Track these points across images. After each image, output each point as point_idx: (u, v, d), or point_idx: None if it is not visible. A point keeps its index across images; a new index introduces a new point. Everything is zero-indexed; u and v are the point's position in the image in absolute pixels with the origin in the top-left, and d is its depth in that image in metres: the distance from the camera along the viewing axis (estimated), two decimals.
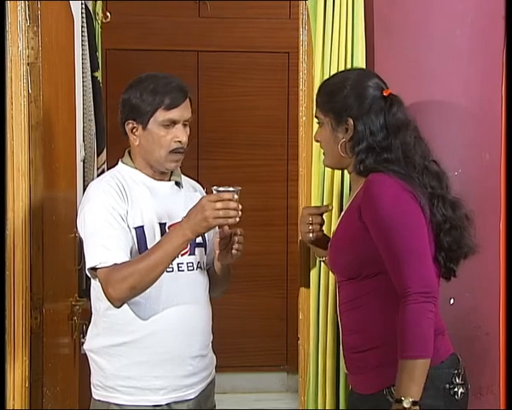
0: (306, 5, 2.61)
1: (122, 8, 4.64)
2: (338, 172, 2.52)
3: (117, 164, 2.32)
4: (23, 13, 2.38)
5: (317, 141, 2.19)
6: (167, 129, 2.19)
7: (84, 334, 2.98)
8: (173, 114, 2.18)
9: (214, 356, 2.39)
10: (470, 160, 2.65)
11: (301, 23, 2.67)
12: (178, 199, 2.28)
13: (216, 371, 2.40)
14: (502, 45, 2.60)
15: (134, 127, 2.21)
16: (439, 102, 2.64)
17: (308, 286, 2.57)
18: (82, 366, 3.10)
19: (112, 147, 4.35)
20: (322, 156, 2.23)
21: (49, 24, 2.60)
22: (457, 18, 2.64)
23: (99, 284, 2.16)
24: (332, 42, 2.54)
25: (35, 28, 2.43)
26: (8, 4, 2.35)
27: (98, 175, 4.08)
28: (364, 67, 2.55)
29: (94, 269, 2.12)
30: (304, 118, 2.66)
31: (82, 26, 3.79)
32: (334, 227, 2.47)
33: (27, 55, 2.41)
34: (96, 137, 4.02)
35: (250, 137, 4.98)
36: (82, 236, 2.20)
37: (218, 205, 2.00)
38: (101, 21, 4.17)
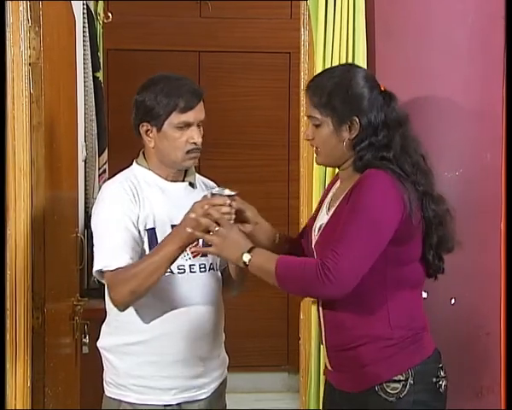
0: (307, 5, 2.62)
1: (123, 9, 4.64)
2: None
3: (131, 164, 2.32)
4: (25, 13, 2.38)
5: (309, 140, 2.14)
6: (182, 131, 2.19)
7: (85, 334, 2.99)
8: (188, 116, 2.18)
9: (227, 356, 2.40)
10: (471, 159, 2.66)
11: (302, 23, 2.67)
12: (191, 200, 2.28)
13: None
14: (502, 45, 2.60)
15: (148, 129, 2.21)
16: (439, 102, 2.64)
17: None
18: (83, 366, 3.10)
19: (113, 147, 4.36)
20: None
21: (50, 24, 2.61)
22: (458, 18, 2.64)
23: None
24: (333, 42, 2.54)
25: (37, 28, 2.43)
26: (10, 5, 2.35)
27: (100, 175, 4.09)
28: (366, 66, 2.56)
29: (102, 272, 2.14)
30: (305, 118, 2.65)
31: (83, 27, 3.80)
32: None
33: (29, 56, 2.41)
34: (98, 138, 4.02)
35: (251, 138, 4.99)
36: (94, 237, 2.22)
37: (210, 210, 2.01)
38: (103, 22, 4.18)
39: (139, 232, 2.17)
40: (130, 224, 2.15)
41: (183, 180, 2.30)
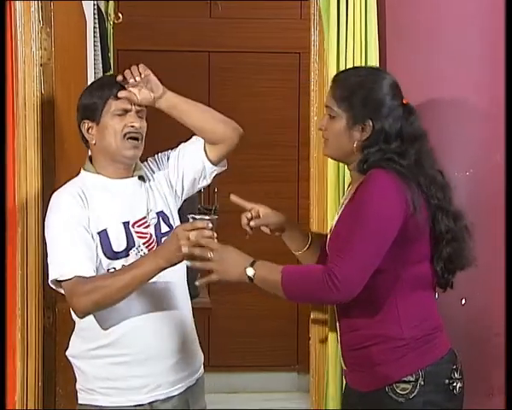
0: (318, 5, 2.61)
1: (134, 9, 4.65)
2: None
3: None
4: (36, 14, 2.40)
5: (322, 130, 2.14)
6: (120, 117, 2.19)
7: None
8: (123, 101, 2.19)
9: (202, 354, 2.35)
10: (481, 160, 2.65)
11: (313, 23, 2.67)
12: (142, 194, 2.25)
13: (226, 370, 2.40)
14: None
15: (89, 127, 2.21)
16: (450, 102, 2.64)
17: None
18: None
19: None
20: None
21: (61, 25, 2.62)
22: (468, 18, 2.64)
23: None
24: (347, 42, 2.54)
25: (48, 29, 2.45)
26: (22, 5, 2.37)
27: None
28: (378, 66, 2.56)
29: (58, 281, 2.11)
30: (315, 118, 2.66)
31: (94, 27, 3.80)
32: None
33: (40, 56, 2.43)
34: None
35: (261, 138, 4.98)
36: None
37: (192, 234, 1.98)
38: (113, 22, 4.19)
39: (92, 236, 2.15)
40: (82, 229, 2.14)
41: (132, 175, 2.27)
